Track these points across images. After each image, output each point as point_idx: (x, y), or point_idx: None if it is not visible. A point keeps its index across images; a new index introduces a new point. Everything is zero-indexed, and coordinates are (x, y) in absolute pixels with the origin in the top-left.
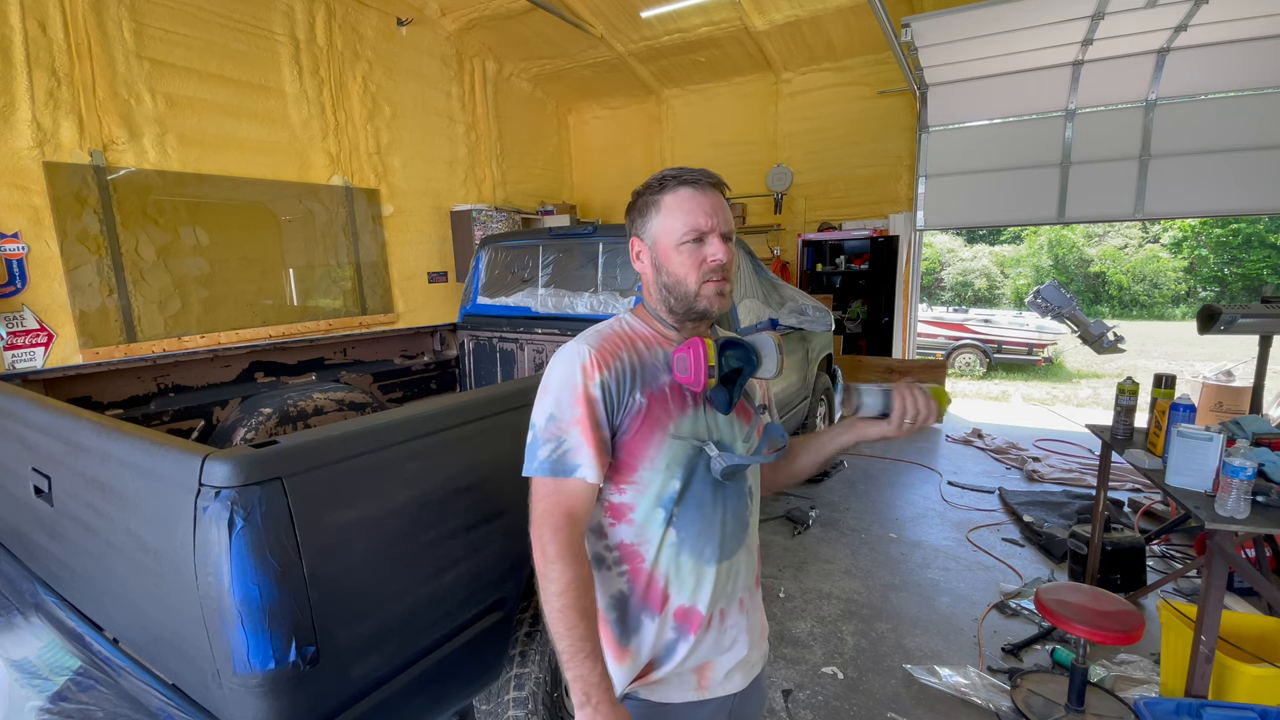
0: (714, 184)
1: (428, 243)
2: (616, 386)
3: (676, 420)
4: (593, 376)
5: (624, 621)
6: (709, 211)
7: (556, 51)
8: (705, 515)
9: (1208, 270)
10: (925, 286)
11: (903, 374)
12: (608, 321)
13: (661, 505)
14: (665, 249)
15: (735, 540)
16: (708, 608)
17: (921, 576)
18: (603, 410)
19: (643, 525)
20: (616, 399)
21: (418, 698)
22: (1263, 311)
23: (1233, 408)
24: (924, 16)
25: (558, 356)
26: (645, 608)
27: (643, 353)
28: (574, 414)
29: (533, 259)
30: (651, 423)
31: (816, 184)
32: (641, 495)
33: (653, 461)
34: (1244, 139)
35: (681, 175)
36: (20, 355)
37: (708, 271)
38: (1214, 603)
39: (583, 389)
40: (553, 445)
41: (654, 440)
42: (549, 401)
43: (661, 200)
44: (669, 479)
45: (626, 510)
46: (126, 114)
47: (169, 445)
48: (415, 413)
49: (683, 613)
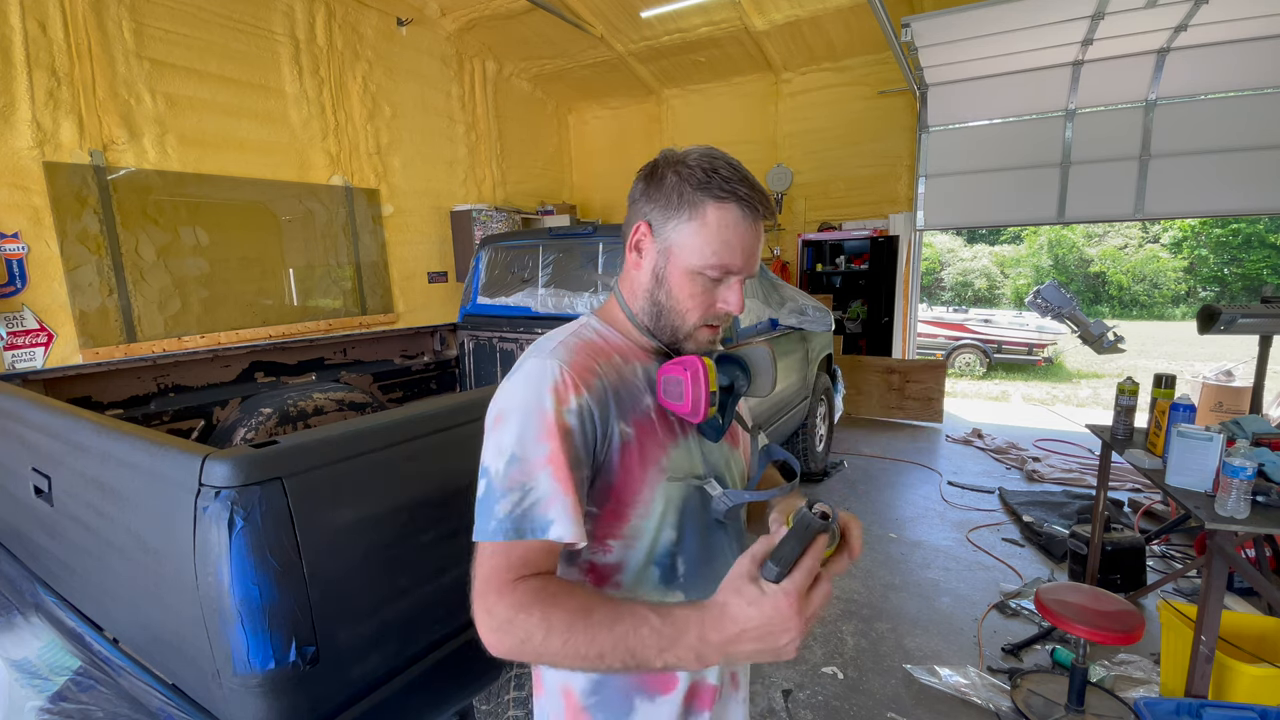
0: (765, 217)
1: (428, 243)
2: (600, 413)
3: (668, 452)
4: (567, 400)
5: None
6: (747, 250)
7: (556, 51)
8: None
9: (1208, 270)
10: (925, 286)
11: (903, 374)
12: (569, 327)
13: (655, 563)
14: (678, 266)
15: None
16: (719, 676)
17: (921, 576)
18: (582, 444)
19: (631, 590)
20: (600, 429)
21: (418, 698)
22: (1263, 311)
23: (1233, 408)
24: (924, 16)
25: (514, 376)
26: (639, 690)
27: (620, 368)
28: (542, 451)
29: (533, 259)
30: (643, 458)
31: (816, 184)
32: (630, 551)
33: (646, 507)
34: (1244, 139)
35: (737, 187)
36: (20, 355)
37: (712, 317)
38: (1214, 603)
39: (554, 418)
40: (515, 497)
41: (648, 480)
42: (508, 437)
43: (704, 207)
44: (662, 528)
45: (611, 573)
46: (126, 114)
47: (169, 445)
48: (415, 413)
49: (692, 691)
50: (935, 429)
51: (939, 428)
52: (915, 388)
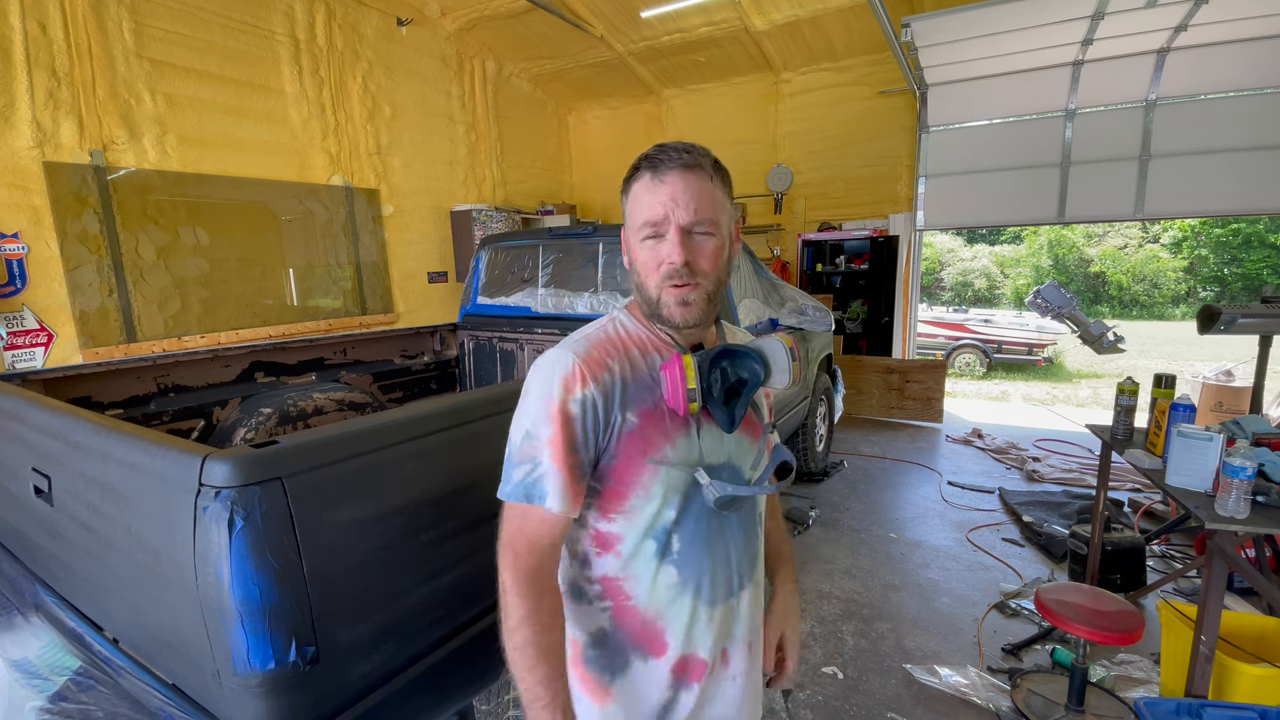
0: (684, 165)
1: (428, 243)
2: (604, 403)
3: (674, 441)
4: (573, 391)
5: (607, 659)
6: (666, 200)
7: (556, 51)
8: (706, 549)
9: (1208, 270)
10: (925, 286)
11: (903, 374)
12: (599, 322)
13: (653, 537)
14: (630, 243)
15: (742, 576)
16: (710, 652)
17: (921, 576)
18: (581, 431)
19: (630, 558)
20: (604, 418)
21: (418, 698)
22: (1263, 311)
23: (1233, 408)
24: (924, 16)
25: (537, 364)
26: (635, 648)
27: (636, 361)
28: (547, 433)
29: (533, 259)
30: (644, 445)
31: (816, 184)
32: (631, 525)
33: (646, 489)
34: (1244, 139)
35: (650, 156)
36: (20, 355)
37: (665, 275)
38: (1214, 603)
39: (559, 406)
40: (527, 468)
41: (647, 466)
42: (526, 417)
43: (631, 185)
44: (663, 508)
45: (614, 541)
46: (126, 114)
47: (169, 445)
48: (415, 413)
49: (683, 663)
50: (935, 429)
51: (939, 428)
52: (915, 388)
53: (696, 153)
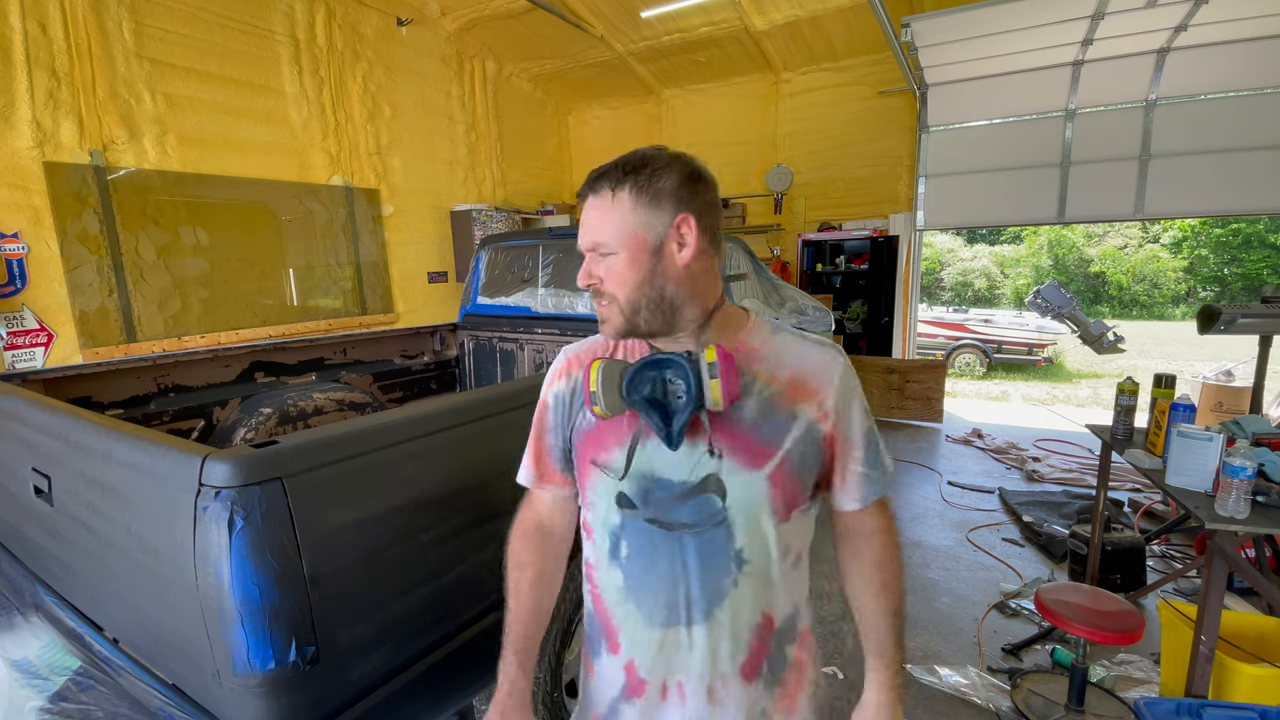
0: (592, 192)
1: (428, 243)
2: (571, 398)
3: (613, 448)
4: (553, 384)
5: (592, 638)
6: (583, 229)
7: (556, 51)
8: (651, 564)
9: (1208, 270)
10: (925, 286)
11: (903, 374)
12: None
13: (609, 535)
14: None
15: (696, 609)
16: (649, 674)
17: (921, 576)
18: (552, 418)
19: (596, 549)
20: (569, 412)
21: (418, 698)
22: (1263, 311)
23: (1233, 408)
24: (924, 16)
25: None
26: (603, 639)
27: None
28: (535, 416)
29: (533, 259)
30: (595, 446)
31: (816, 184)
32: (594, 519)
33: (594, 490)
34: (1244, 139)
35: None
36: (20, 355)
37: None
38: (1214, 603)
39: (542, 395)
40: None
41: (592, 467)
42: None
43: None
44: (608, 511)
45: (589, 530)
46: (126, 114)
47: (169, 445)
48: (415, 413)
49: (630, 668)
50: (935, 429)
51: (939, 428)
52: (915, 388)
53: (607, 175)
